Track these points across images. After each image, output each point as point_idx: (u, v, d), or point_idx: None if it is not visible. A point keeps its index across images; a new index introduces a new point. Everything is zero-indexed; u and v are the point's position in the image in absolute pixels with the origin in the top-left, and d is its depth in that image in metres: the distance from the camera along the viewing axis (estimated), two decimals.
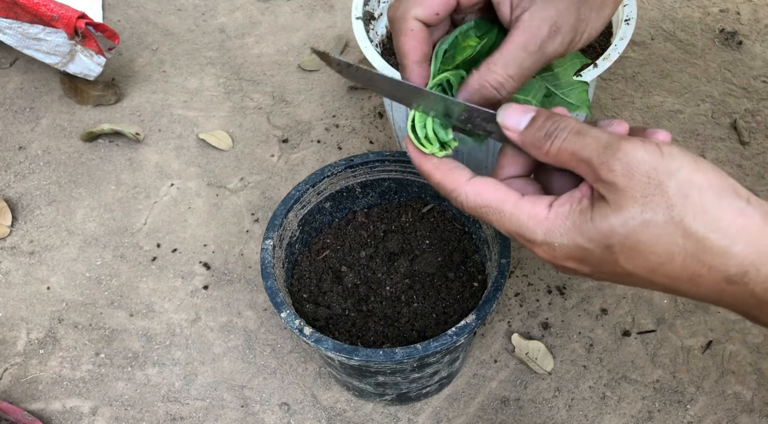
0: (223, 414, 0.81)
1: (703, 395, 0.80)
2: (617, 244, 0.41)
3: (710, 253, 0.40)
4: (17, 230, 0.95)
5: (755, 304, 0.41)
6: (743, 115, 1.01)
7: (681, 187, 0.40)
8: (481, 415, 0.80)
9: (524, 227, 0.44)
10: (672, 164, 0.40)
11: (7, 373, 0.84)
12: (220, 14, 1.18)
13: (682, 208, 0.39)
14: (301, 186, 0.73)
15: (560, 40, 0.47)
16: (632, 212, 0.40)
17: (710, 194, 0.40)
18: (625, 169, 0.40)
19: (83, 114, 1.06)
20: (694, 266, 0.40)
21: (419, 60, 0.49)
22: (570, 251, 0.43)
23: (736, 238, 0.39)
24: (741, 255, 0.39)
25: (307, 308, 0.73)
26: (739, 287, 0.40)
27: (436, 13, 0.47)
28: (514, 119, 0.46)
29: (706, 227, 0.39)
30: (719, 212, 0.39)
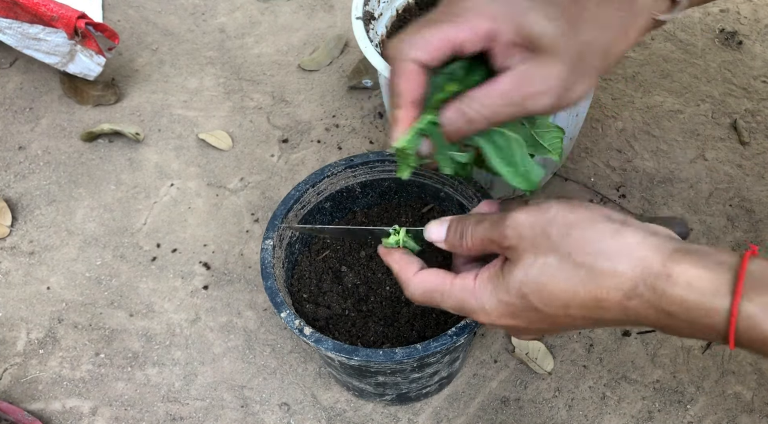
0: (223, 414, 0.81)
1: (703, 395, 0.80)
2: (528, 291, 0.47)
3: (602, 276, 0.45)
4: (17, 230, 0.95)
5: (655, 315, 0.44)
6: (743, 115, 1.01)
7: (560, 229, 0.46)
8: (481, 415, 0.80)
9: (461, 300, 0.52)
10: (548, 214, 0.47)
11: (7, 373, 0.84)
12: (220, 14, 1.18)
13: (566, 245, 0.46)
14: (301, 186, 0.73)
15: (544, 102, 0.49)
16: (528, 261, 0.47)
17: (585, 226, 0.46)
18: (514, 232, 0.48)
19: (83, 114, 1.06)
20: (595, 292, 0.45)
21: (413, 100, 0.51)
22: (499, 309, 0.50)
23: (617, 258, 0.45)
24: (628, 272, 0.44)
25: (307, 308, 0.73)
26: (640, 302, 0.44)
27: (434, 58, 0.50)
28: (435, 233, 0.55)
29: (590, 255, 0.45)
30: (597, 239, 0.45)
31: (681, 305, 0.43)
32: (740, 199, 0.93)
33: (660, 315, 0.44)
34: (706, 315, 0.43)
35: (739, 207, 0.93)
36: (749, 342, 0.42)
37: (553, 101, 0.49)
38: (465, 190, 0.72)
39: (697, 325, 0.43)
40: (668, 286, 0.43)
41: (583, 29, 0.48)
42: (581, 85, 0.50)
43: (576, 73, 0.49)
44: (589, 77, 0.50)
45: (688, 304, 0.43)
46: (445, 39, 0.49)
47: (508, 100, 0.49)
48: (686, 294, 0.43)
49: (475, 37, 0.49)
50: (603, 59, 0.50)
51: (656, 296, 0.44)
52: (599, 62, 0.50)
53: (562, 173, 0.96)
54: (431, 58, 0.49)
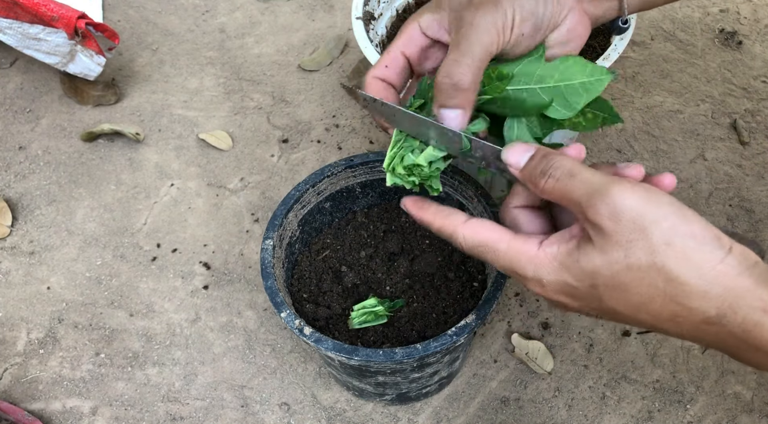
0: (223, 414, 0.81)
1: (703, 395, 0.80)
2: (601, 285, 0.44)
3: (689, 296, 0.42)
4: (17, 230, 0.95)
5: (735, 344, 0.43)
6: (743, 115, 1.01)
7: (665, 234, 0.42)
8: (481, 415, 0.80)
9: (516, 264, 0.47)
10: (658, 212, 0.42)
11: (7, 373, 0.84)
12: (220, 14, 1.18)
13: (664, 254, 0.42)
14: (301, 186, 0.73)
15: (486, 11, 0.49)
16: (616, 255, 0.43)
17: (693, 243, 0.42)
18: (611, 214, 0.42)
19: (83, 114, 1.06)
20: (674, 308, 0.43)
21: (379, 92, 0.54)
22: (558, 287, 0.46)
23: (714, 283, 0.41)
24: (719, 299, 0.41)
25: (307, 308, 0.73)
26: (718, 328, 0.42)
27: (385, 66, 0.54)
28: (515, 157, 0.48)
29: (686, 273, 0.42)
30: (700, 259, 0.42)
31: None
32: (740, 199, 0.93)
33: (740, 344, 0.43)
34: None
35: (739, 207, 0.93)
36: None
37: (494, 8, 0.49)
38: (465, 191, 0.72)
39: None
40: (765, 319, 0.41)
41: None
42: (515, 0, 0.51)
43: None
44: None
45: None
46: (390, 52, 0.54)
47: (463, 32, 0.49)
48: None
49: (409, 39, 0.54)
50: None
51: (743, 329, 0.42)
52: None
53: None
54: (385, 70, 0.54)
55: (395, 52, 0.54)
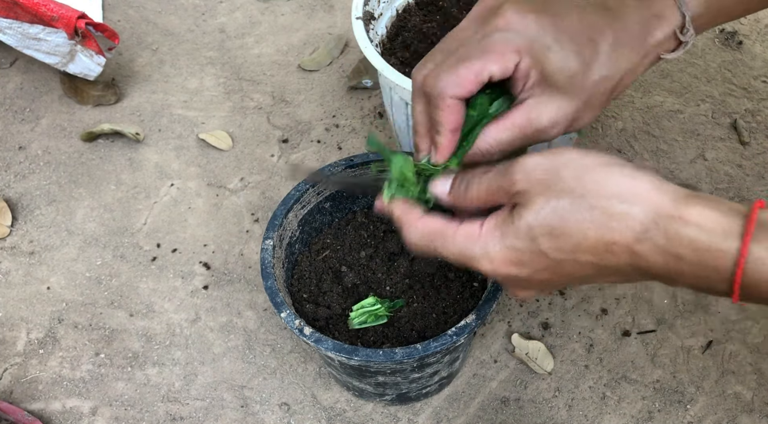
0: (223, 414, 0.81)
1: (703, 395, 0.80)
2: (538, 234, 0.47)
3: (615, 218, 0.45)
4: (17, 230, 0.95)
5: (669, 260, 0.45)
6: (743, 115, 1.01)
7: (574, 171, 0.46)
8: (481, 415, 0.80)
9: (464, 248, 0.50)
10: (562, 157, 0.47)
11: (7, 373, 0.84)
12: (220, 14, 1.18)
13: (580, 187, 0.46)
14: (301, 186, 0.73)
15: (552, 133, 0.54)
16: (540, 203, 0.47)
17: (601, 170, 0.46)
18: (524, 176, 0.48)
19: (83, 114, 1.06)
20: (606, 235, 0.45)
21: (455, 128, 0.54)
22: (504, 255, 0.49)
23: (632, 200, 0.45)
24: (640, 214, 0.44)
25: (307, 308, 0.73)
26: (649, 245, 0.44)
27: (469, 91, 0.53)
28: (440, 186, 0.54)
29: (605, 197, 0.45)
30: (612, 182, 0.45)
31: (690, 246, 0.43)
32: (740, 199, 0.93)
33: (668, 259, 0.44)
34: (714, 257, 0.43)
35: None
36: (754, 287, 0.43)
37: (559, 132, 0.54)
38: None
39: (705, 269, 0.43)
40: (680, 227, 0.43)
41: (596, 69, 0.53)
42: (587, 117, 0.55)
43: (585, 107, 0.54)
44: (595, 110, 0.55)
45: (697, 245, 0.43)
46: (477, 73, 0.52)
47: (521, 133, 0.53)
48: (697, 235, 0.43)
49: (503, 70, 0.52)
50: (611, 94, 0.55)
51: (667, 238, 0.44)
52: (607, 97, 0.55)
53: None
54: (467, 92, 0.53)
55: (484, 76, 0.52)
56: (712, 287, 0.45)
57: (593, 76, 0.53)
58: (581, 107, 0.54)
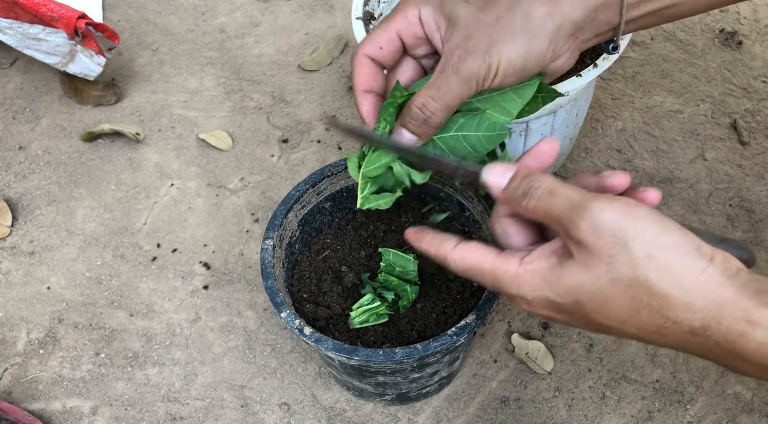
0: (223, 414, 0.81)
1: (703, 395, 0.80)
2: (585, 300, 0.44)
3: (673, 309, 0.42)
4: (17, 230, 0.95)
5: (721, 354, 0.43)
6: (743, 115, 1.01)
7: (645, 247, 0.42)
8: (481, 415, 0.80)
9: (500, 283, 0.48)
10: (638, 226, 0.43)
11: (7, 373, 0.84)
12: (220, 14, 1.18)
13: (645, 268, 0.42)
14: (301, 186, 0.73)
15: (471, 60, 0.52)
16: (598, 271, 0.43)
17: (674, 255, 0.42)
18: (591, 229, 0.43)
19: (83, 114, 1.06)
20: (658, 320, 0.43)
21: (366, 89, 0.56)
22: (542, 303, 0.46)
23: (697, 295, 0.42)
24: (703, 310, 0.42)
25: (307, 308, 0.73)
26: (704, 338, 0.42)
27: (380, 47, 0.55)
28: (495, 178, 0.50)
29: (669, 286, 0.42)
30: (682, 271, 0.42)
31: (756, 351, 0.41)
32: (740, 199, 0.93)
33: (727, 354, 0.43)
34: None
35: (739, 207, 0.93)
36: None
37: (481, 61, 0.52)
38: (465, 190, 0.72)
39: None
40: (747, 330, 0.41)
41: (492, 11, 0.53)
42: (510, 45, 0.52)
43: (498, 33, 0.52)
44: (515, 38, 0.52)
45: (765, 349, 0.41)
46: (385, 31, 0.55)
47: (444, 75, 0.52)
48: (765, 339, 0.41)
49: (407, 23, 0.54)
50: (525, 20, 0.52)
51: (728, 339, 0.42)
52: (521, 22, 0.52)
53: (561, 173, 0.96)
54: (377, 49, 0.55)
55: (391, 32, 0.55)
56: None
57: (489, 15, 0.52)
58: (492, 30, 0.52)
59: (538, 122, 0.76)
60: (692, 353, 0.45)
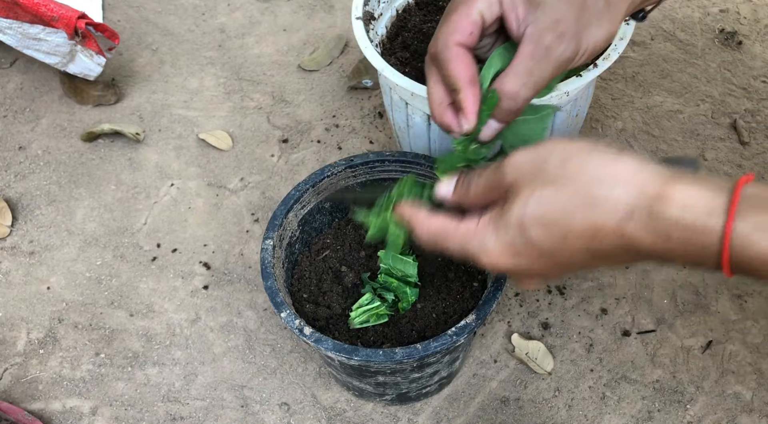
0: (223, 414, 0.81)
1: (702, 395, 0.80)
2: (528, 225, 0.48)
3: (599, 202, 0.45)
4: (17, 230, 0.95)
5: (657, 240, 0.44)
6: (743, 115, 1.01)
7: (558, 160, 0.47)
8: (481, 415, 0.80)
9: (464, 243, 0.52)
10: (547, 147, 0.48)
11: (7, 373, 0.84)
12: (220, 14, 1.18)
13: (563, 174, 0.46)
14: (301, 186, 0.73)
15: (565, 45, 0.53)
16: (526, 194, 0.48)
17: (584, 155, 0.46)
18: (513, 169, 0.49)
19: (83, 114, 1.06)
20: (591, 220, 0.46)
21: (471, 80, 0.55)
22: (499, 248, 0.50)
23: (614, 183, 0.45)
24: (624, 196, 0.45)
25: (307, 308, 0.73)
26: (636, 226, 0.44)
27: (470, 33, 0.54)
28: (444, 189, 0.56)
29: (587, 183, 0.46)
30: (595, 166, 0.46)
31: (676, 225, 0.43)
32: None
33: (656, 239, 0.44)
34: (701, 235, 0.43)
35: None
36: (743, 263, 0.42)
37: (572, 44, 0.53)
38: None
39: (692, 247, 0.43)
40: (664, 207, 0.43)
41: None
42: (595, 28, 0.54)
43: (585, 16, 0.53)
44: (600, 21, 0.54)
45: (683, 223, 0.43)
46: (468, 15, 0.54)
47: (534, 59, 0.53)
48: (682, 214, 0.43)
49: (489, 4, 0.53)
50: (607, 3, 0.53)
51: (652, 218, 0.44)
52: (604, 5, 0.53)
53: None
54: (468, 36, 0.54)
55: (475, 16, 0.54)
56: (702, 262, 0.44)
57: None
58: (580, 14, 0.53)
59: None
60: (632, 256, 0.47)
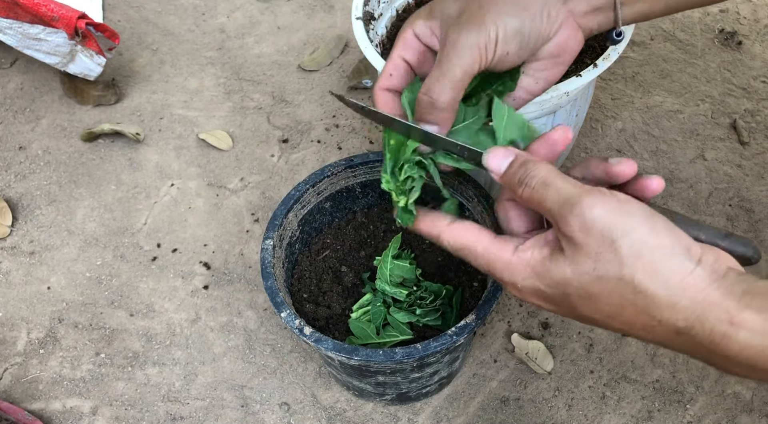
0: (223, 414, 0.81)
1: (702, 395, 0.80)
2: (573, 294, 0.45)
3: (658, 308, 0.43)
4: (17, 229, 0.95)
5: (705, 353, 0.43)
6: (743, 115, 1.01)
7: (633, 246, 0.43)
8: (481, 415, 0.80)
9: (492, 267, 0.49)
10: (628, 223, 0.43)
11: (8, 373, 0.84)
12: (220, 14, 1.18)
13: (632, 267, 0.43)
14: (301, 186, 0.73)
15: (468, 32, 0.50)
16: (586, 267, 0.44)
17: (661, 255, 0.43)
18: (581, 226, 0.44)
19: (83, 114, 1.06)
20: (644, 318, 0.44)
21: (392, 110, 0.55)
22: (532, 291, 0.47)
23: (682, 296, 0.42)
24: (687, 310, 0.42)
25: (307, 308, 0.73)
26: (688, 338, 0.43)
27: (389, 74, 0.54)
28: (496, 162, 0.50)
29: (655, 286, 0.43)
30: (668, 271, 0.42)
31: (740, 352, 0.42)
32: (740, 199, 0.93)
33: (711, 354, 0.43)
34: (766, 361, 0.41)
35: (739, 207, 0.93)
36: None
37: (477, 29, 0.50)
38: (465, 191, 0.72)
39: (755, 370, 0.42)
40: (730, 331, 0.41)
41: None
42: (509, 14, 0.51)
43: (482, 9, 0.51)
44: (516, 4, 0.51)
45: (748, 351, 0.41)
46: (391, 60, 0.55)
47: (443, 55, 0.51)
48: (747, 341, 0.41)
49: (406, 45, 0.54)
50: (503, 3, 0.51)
51: (711, 340, 0.42)
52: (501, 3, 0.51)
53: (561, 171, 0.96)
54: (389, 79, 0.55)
55: (396, 59, 0.55)
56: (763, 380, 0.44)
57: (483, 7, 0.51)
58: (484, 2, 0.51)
59: (538, 122, 0.76)
60: (677, 351, 0.45)
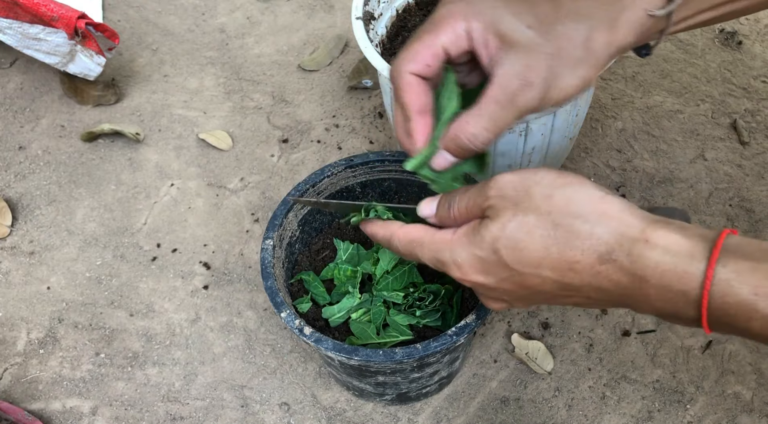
0: (223, 414, 0.81)
1: (702, 395, 0.80)
2: (501, 247, 0.48)
3: (578, 238, 0.45)
4: (17, 230, 0.95)
5: (634, 281, 0.44)
6: (743, 115, 1.01)
7: (544, 190, 0.47)
8: (481, 415, 0.80)
9: (437, 252, 0.52)
10: (537, 174, 0.48)
11: (7, 373, 0.84)
12: (220, 14, 1.18)
13: (547, 205, 0.46)
14: (301, 186, 0.73)
15: (532, 94, 0.50)
16: (506, 217, 0.48)
17: (570, 190, 0.47)
18: (496, 191, 0.49)
19: (83, 114, 1.06)
20: (569, 253, 0.46)
21: (420, 110, 0.53)
22: (470, 263, 0.50)
23: (597, 221, 0.45)
24: (605, 234, 0.45)
25: None
26: (613, 266, 0.45)
27: (427, 65, 0.52)
28: (427, 208, 0.56)
29: (570, 217, 0.46)
30: (580, 202, 0.46)
31: (656, 268, 0.43)
32: (740, 199, 0.93)
33: (632, 280, 0.44)
34: (680, 279, 0.43)
35: (739, 207, 0.93)
36: (722, 311, 0.42)
37: (539, 93, 0.50)
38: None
39: (671, 291, 0.43)
40: (645, 250, 0.43)
41: (560, 23, 0.50)
42: (568, 77, 0.51)
43: (558, 64, 0.50)
44: (575, 69, 0.51)
45: (663, 267, 0.43)
46: (431, 46, 0.52)
47: (499, 104, 0.51)
48: (662, 258, 0.43)
49: (454, 38, 0.51)
50: (586, 51, 0.51)
51: (631, 260, 0.44)
52: (582, 53, 0.51)
53: None
54: (424, 67, 0.52)
55: (437, 48, 0.52)
56: (679, 311, 0.44)
57: (557, 29, 0.50)
58: (552, 63, 0.50)
59: (538, 122, 0.76)
60: (603, 296, 0.47)
